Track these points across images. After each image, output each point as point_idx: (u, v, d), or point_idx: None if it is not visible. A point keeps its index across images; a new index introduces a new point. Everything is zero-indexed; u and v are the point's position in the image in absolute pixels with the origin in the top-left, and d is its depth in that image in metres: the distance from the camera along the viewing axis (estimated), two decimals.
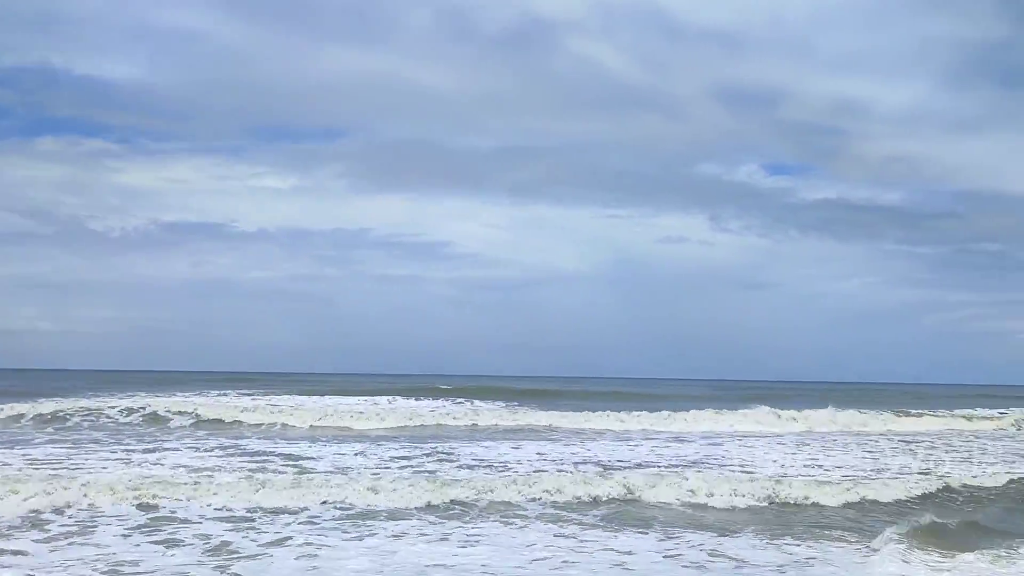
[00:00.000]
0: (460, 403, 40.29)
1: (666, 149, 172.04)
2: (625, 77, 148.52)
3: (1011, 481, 16.00)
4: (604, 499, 13.49)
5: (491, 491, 13.41)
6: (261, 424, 27.10)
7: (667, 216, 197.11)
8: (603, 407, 36.88)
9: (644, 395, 54.39)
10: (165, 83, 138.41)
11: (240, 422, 27.14)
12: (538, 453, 20.50)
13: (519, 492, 13.47)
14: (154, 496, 12.27)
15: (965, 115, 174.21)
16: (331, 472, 16.19)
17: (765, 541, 10.99)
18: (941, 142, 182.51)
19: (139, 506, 11.98)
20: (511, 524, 11.79)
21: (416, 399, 41.49)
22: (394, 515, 12.04)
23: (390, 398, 41.61)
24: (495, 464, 18.07)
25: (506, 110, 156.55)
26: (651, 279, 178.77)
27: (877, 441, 26.64)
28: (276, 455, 18.88)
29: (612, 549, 10.44)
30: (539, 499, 13.31)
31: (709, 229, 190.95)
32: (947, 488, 15.02)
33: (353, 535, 10.82)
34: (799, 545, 10.77)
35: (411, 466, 17.63)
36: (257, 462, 17.61)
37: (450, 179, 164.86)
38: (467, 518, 12.04)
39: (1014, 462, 21.47)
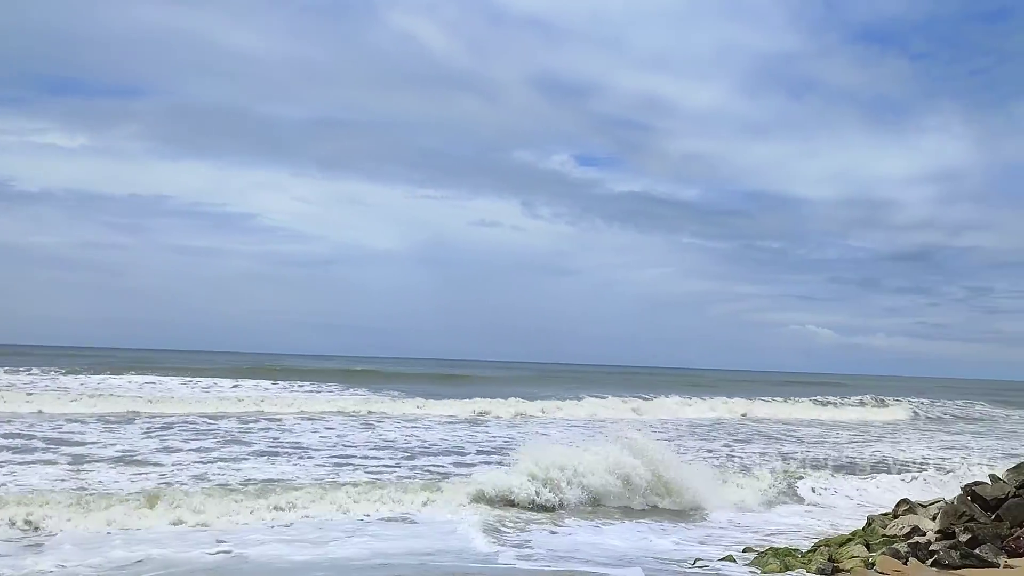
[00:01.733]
0: (261, 383, 38.87)
1: (482, 133, 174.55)
2: (445, 57, 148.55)
3: None
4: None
5: None
6: (30, 407, 24.66)
7: (481, 199, 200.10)
8: (411, 389, 37.03)
9: (455, 377, 55.15)
10: None
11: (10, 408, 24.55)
12: (342, 438, 20.23)
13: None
14: None
15: (757, 120, 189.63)
16: (116, 461, 15.13)
17: None
18: (735, 144, 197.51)
19: None
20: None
21: (214, 378, 39.55)
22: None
23: (186, 378, 39.34)
24: (291, 452, 17.56)
25: (321, 80, 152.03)
26: (463, 261, 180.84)
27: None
28: (48, 440, 17.35)
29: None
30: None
31: (521, 215, 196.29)
32: None
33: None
34: None
35: (205, 450, 16.82)
36: (22, 447, 16.12)
37: (258, 148, 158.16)
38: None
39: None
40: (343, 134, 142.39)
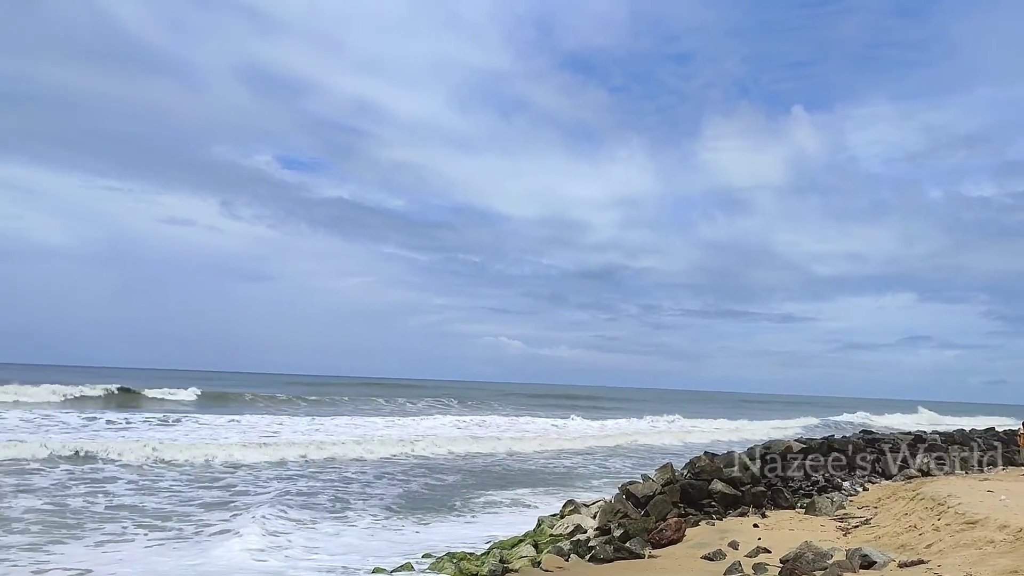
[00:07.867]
0: None
1: (179, 122, 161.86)
2: (139, 33, 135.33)
3: None
4: None
5: None
6: None
7: (173, 195, 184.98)
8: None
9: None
10: None
11: None
12: None
13: None
14: None
15: (467, 135, 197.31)
16: None
17: None
18: (444, 157, 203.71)
19: None
20: None
21: None
22: None
23: None
24: None
25: None
26: (150, 262, 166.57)
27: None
28: None
29: None
30: None
31: (219, 215, 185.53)
32: None
33: None
34: None
35: None
36: None
37: None
38: None
39: None
40: (4, 108, 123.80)
